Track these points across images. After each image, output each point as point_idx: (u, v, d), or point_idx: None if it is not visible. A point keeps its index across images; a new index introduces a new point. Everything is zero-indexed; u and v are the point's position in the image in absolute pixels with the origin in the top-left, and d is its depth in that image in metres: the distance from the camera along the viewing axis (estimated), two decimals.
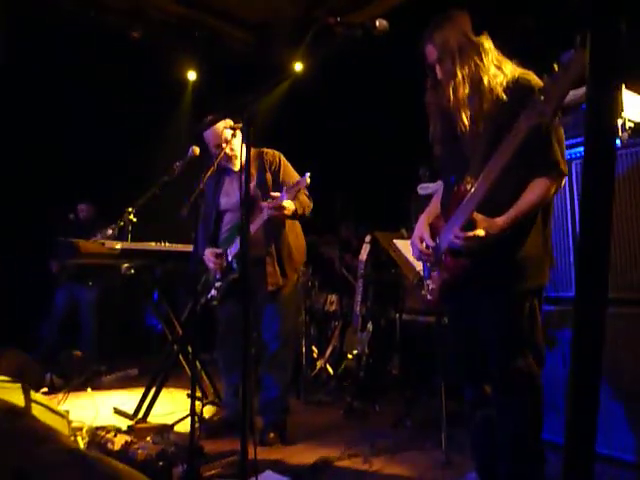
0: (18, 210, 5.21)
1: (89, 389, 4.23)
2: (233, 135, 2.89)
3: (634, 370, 2.21)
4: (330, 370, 4.25)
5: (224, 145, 2.88)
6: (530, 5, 3.71)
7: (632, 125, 2.33)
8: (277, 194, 2.69)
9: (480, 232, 1.63)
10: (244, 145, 1.66)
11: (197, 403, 2.31)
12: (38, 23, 5.26)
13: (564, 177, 1.72)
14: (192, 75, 6.64)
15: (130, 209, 3.47)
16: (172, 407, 3.66)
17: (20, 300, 5.24)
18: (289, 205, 2.76)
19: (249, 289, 1.63)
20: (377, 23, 1.75)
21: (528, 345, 1.76)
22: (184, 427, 3.05)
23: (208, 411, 3.36)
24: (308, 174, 2.61)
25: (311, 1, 5.75)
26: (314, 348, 4.48)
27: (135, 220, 3.55)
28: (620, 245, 2.31)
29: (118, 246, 3.36)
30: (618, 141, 2.32)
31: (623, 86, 2.33)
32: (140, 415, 3.29)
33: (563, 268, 2.49)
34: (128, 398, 3.89)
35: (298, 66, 2.30)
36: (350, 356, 3.96)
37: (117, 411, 3.52)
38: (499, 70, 1.76)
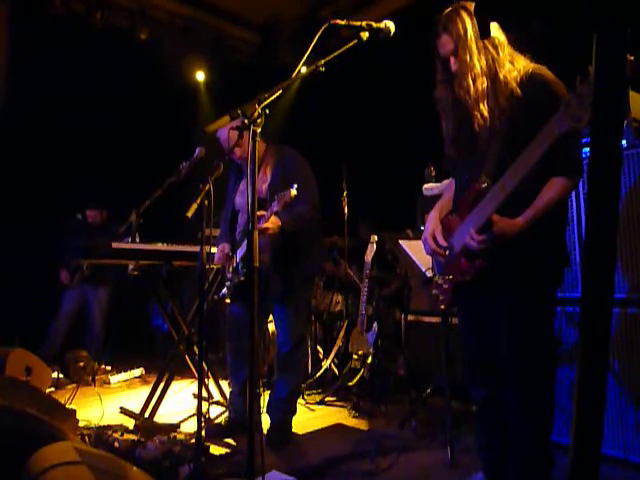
0: (20, 209, 5.23)
1: (95, 388, 4.25)
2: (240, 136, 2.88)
3: None
4: (335, 370, 4.25)
5: (236, 149, 2.83)
6: (539, 8, 3.68)
7: (637, 125, 2.32)
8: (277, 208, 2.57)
9: (497, 234, 1.61)
10: (250, 149, 1.64)
11: (203, 403, 2.32)
12: (41, 25, 5.31)
13: (581, 177, 1.69)
14: (200, 76, 6.66)
15: (136, 210, 3.49)
16: (178, 407, 3.67)
17: (27, 299, 5.27)
18: (273, 224, 2.65)
19: (255, 294, 1.61)
20: (383, 24, 1.75)
21: (540, 346, 1.75)
22: (190, 427, 3.07)
23: (214, 411, 3.37)
24: (295, 186, 2.49)
25: (316, 2, 5.76)
26: (319, 348, 4.48)
27: (141, 221, 3.57)
28: (625, 245, 2.30)
29: (125, 246, 3.38)
30: (624, 141, 2.31)
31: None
32: (146, 414, 3.30)
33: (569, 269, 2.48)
34: (134, 397, 3.91)
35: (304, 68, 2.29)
36: (355, 356, 3.96)
37: (123, 410, 3.53)
38: (512, 65, 1.73)
